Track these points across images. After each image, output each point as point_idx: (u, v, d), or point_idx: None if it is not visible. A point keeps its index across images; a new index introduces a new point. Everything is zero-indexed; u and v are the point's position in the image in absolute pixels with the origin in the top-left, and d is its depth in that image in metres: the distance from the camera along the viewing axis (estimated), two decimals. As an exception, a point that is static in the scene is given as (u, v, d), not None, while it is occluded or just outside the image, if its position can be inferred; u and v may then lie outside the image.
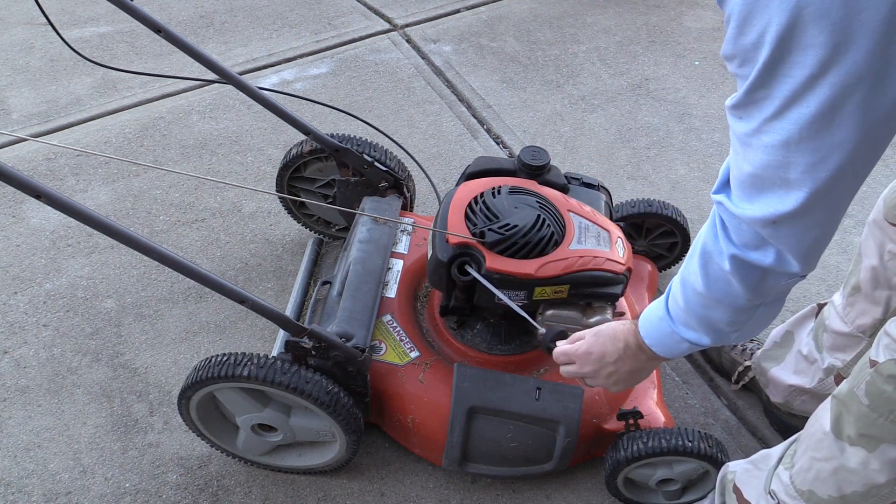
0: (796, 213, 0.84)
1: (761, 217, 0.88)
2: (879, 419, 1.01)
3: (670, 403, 1.81)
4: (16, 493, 1.64)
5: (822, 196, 0.82)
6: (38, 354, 1.89)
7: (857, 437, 1.06)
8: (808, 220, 0.86)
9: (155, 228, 2.22)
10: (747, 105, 0.82)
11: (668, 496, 1.59)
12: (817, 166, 0.79)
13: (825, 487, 1.13)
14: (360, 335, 1.50)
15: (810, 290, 2.10)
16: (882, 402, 1.00)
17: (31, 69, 2.87)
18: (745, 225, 0.91)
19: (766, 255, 0.92)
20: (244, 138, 2.55)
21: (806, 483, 1.17)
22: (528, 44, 3.07)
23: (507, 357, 1.59)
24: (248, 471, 1.68)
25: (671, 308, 1.10)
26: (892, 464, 1.04)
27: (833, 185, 0.81)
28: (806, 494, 1.17)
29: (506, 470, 1.56)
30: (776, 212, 0.85)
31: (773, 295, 1.00)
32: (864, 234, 1.40)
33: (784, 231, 0.88)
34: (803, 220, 0.86)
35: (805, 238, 0.89)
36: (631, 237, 1.94)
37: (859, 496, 1.10)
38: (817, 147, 0.78)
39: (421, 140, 2.57)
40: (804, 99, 0.75)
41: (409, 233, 1.79)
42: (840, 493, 1.12)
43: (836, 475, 1.11)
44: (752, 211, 0.88)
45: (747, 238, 0.92)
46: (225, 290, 1.31)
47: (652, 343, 1.15)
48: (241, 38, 3.08)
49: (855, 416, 1.05)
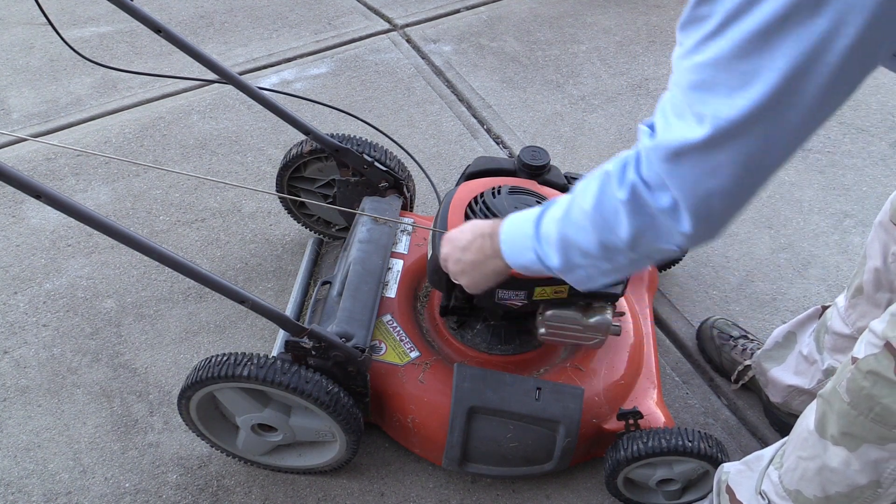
0: (701, 145, 0.77)
1: (668, 145, 0.81)
2: (860, 417, 1.01)
3: (670, 403, 1.81)
4: (16, 493, 1.64)
5: (732, 134, 0.75)
6: (38, 354, 1.89)
7: (839, 437, 1.05)
8: (711, 160, 0.78)
9: (155, 228, 2.22)
10: (690, 23, 0.76)
11: (668, 496, 1.60)
12: (738, 94, 0.73)
13: (811, 487, 1.13)
14: (360, 335, 1.50)
15: (810, 290, 2.10)
16: (861, 398, 1.00)
17: (31, 69, 2.87)
18: (655, 158, 0.84)
19: (662, 199, 0.85)
20: (244, 138, 2.55)
21: (793, 483, 1.16)
22: (528, 44, 3.07)
23: (507, 357, 1.59)
24: (248, 471, 1.68)
25: (546, 216, 1.05)
26: (873, 465, 1.03)
27: (746, 126, 0.74)
28: (793, 494, 1.17)
29: (506, 470, 1.56)
30: (683, 140, 0.79)
31: (644, 252, 0.93)
32: (871, 235, 1.39)
33: (684, 169, 0.81)
34: (706, 160, 0.79)
35: (703, 184, 0.81)
36: (631, 237, 1.93)
37: (843, 497, 1.09)
38: (744, 72, 0.72)
39: (421, 140, 2.57)
40: (744, 16, 0.70)
41: (409, 233, 1.79)
42: (825, 494, 1.11)
43: (821, 475, 1.10)
44: (663, 137, 0.82)
45: (653, 174, 0.85)
46: (225, 290, 1.31)
47: (504, 237, 1.11)
48: (241, 38, 3.08)
49: (837, 415, 1.05)
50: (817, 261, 2.18)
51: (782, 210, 2.35)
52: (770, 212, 2.34)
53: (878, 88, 2.87)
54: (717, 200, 0.82)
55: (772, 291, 2.10)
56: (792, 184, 2.45)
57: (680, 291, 2.09)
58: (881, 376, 0.96)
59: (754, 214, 2.33)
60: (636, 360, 1.64)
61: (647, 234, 0.90)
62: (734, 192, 0.82)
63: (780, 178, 2.47)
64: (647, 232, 0.89)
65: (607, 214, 0.91)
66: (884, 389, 0.97)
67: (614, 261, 0.97)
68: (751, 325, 1.98)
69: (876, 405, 0.98)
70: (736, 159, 0.78)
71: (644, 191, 0.87)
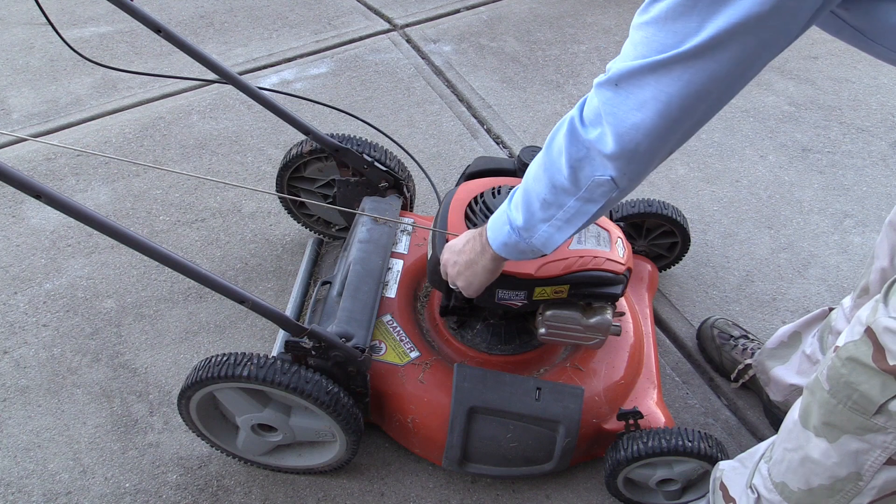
0: (631, 74, 0.86)
1: (608, 77, 0.89)
2: (839, 406, 1.00)
3: (670, 403, 1.81)
4: (16, 493, 1.64)
5: (660, 66, 0.83)
6: (38, 354, 1.89)
7: (821, 427, 1.04)
8: (640, 92, 0.86)
9: (155, 228, 2.22)
10: None
11: (668, 496, 1.60)
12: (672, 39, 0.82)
13: (795, 480, 1.12)
14: (360, 335, 1.50)
15: (810, 290, 2.10)
16: (840, 386, 0.99)
17: (31, 69, 2.87)
18: (596, 91, 0.92)
19: (594, 131, 0.93)
20: (244, 138, 2.55)
21: (780, 475, 1.16)
22: (528, 44, 3.07)
23: (506, 357, 1.59)
24: (248, 471, 1.68)
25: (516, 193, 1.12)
26: (853, 456, 1.02)
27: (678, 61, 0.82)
28: (780, 487, 1.16)
29: (506, 470, 1.56)
30: (619, 70, 0.87)
31: (584, 186, 0.98)
32: (880, 235, 1.39)
33: (617, 99, 0.88)
34: (636, 90, 0.87)
35: (630, 116, 0.88)
36: (631, 237, 1.94)
37: (825, 489, 1.08)
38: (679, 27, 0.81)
39: (421, 140, 2.57)
40: None
41: (409, 233, 1.79)
42: (808, 486, 1.11)
43: (804, 466, 1.10)
44: (611, 70, 0.90)
45: (591, 110, 0.94)
46: (225, 290, 1.31)
47: (489, 225, 1.17)
48: (241, 38, 3.08)
49: (818, 404, 1.04)
50: (817, 261, 2.18)
51: (782, 210, 2.35)
52: (770, 212, 2.34)
53: (878, 88, 2.87)
54: (641, 135, 0.89)
55: (772, 291, 2.10)
56: (792, 184, 2.45)
57: (680, 291, 2.09)
58: (859, 362, 0.95)
59: (754, 214, 2.33)
60: (636, 360, 1.64)
61: (583, 165, 0.97)
62: (656, 130, 0.88)
63: (780, 178, 2.47)
64: (582, 162, 0.96)
65: (554, 155, 1.00)
66: (861, 376, 0.95)
67: (565, 205, 1.02)
68: (751, 325, 1.98)
69: (854, 392, 0.97)
70: (657, 94, 0.85)
71: (580, 124, 0.95)
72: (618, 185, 0.96)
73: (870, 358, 0.94)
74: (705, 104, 0.87)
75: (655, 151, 0.92)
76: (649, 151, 0.92)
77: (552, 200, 1.03)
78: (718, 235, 2.26)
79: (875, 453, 1.00)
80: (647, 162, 0.94)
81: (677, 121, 0.88)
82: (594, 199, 1.00)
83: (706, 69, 0.82)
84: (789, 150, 2.59)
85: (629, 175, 0.95)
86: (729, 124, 2.69)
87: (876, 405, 0.95)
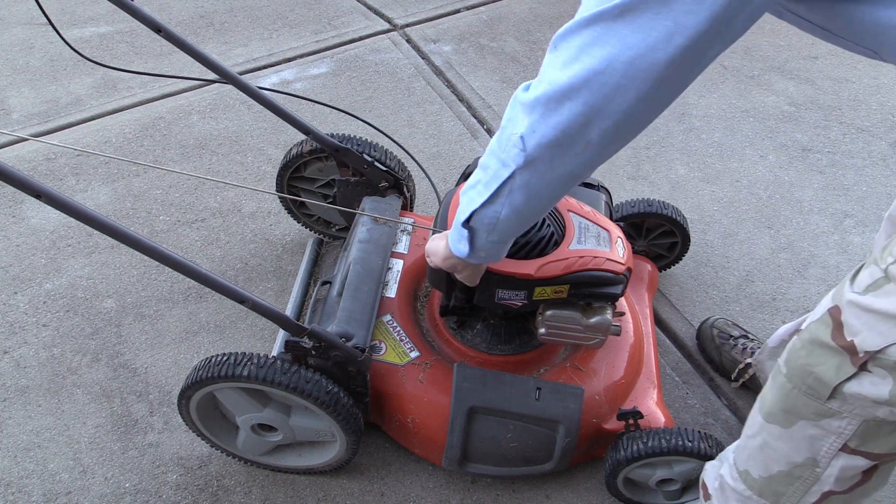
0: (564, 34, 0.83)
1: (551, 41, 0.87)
2: (794, 390, 0.99)
3: (670, 403, 1.81)
4: (16, 493, 1.64)
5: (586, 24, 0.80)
6: (38, 354, 1.89)
7: (778, 413, 1.04)
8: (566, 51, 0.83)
9: (155, 228, 2.22)
10: None
11: (667, 496, 1.60)
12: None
13: (756, 467, 1.12)
14: (360, 335, 1.50)
15: (810, 290, 2.10)
16: (797, 370, 0.99)
17: (31, 69, 2.87)
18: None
19: (531, 91, 0.88)
20: (244, 138, 2.55)
21: (743, 462, 1.16)
22: (528, 44, 3.07)
23: (506, 357, 1.59)
24: (248, 471, 1.68)
25: None
26: (808, 441, 1.02)
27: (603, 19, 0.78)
28: (743, 475, 1.16)
29: (506, 470, 1.56)
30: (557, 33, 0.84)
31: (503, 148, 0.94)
32: (880, 230, 1.39)
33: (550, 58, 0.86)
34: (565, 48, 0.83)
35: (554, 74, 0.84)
36: (631, 237, 1.94)
37: (784, 475, 1.08)
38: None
39: (421, 140, 2.57)
40: None
41: (409, 233, 1.79)
42: (768, 473, 1.10)
43: (763, 452, 1.09)
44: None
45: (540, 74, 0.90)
46: (225, 290, 1.31)
47: None
48: (241, 38, 3.08)
49: (777, 388, 1.04)
50: (817, 261, 2.18)
51: (782, 210, 2.35)
52: (770, 212, 2.34)
53: (878, 88, 2.87)
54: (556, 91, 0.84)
55: (772, 291, 2.10)
56: (792, 184, 2.45)
57: (680, 291, 2.09)
58: (818, 342, 0.95)
59: (754, 214, 2.33)
60: (636, 360, 1.64)
61: (508, 124, 0.93)
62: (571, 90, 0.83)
63: (780, 178, 2.47)
64: (510, 121, 0.93)
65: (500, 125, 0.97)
66: (819, 357, 0.95)
67: (489, 167, 0.98)
68: (751, 325, 1.98)
69: (809, 376, 0.97)
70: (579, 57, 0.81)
71: (523, 88, 0.91)
72: (525, 147, 0.90)
73: (829, 336, 0.94)
74: (634, 77, 0.79)
75: (569, 115, 0.85)
76: (560, 111, 0.85)
77: (483, 162, 1.00)
78: (718, 235, 2.26)
79: (830, 439, 1.00)
80: (560, 127, 0.86)
81: (595, 84, 0.81)
82: (506, 163, 0.94)
83: (629, 34, 0.77)
84: (789, 150, 2.59)
85: (537, 135, 0.88)
86: (729, 124, 2.69)
87: (830, 388, 0.94)
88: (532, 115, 0.88)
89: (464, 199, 1.05)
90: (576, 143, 0.88)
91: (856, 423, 0.97)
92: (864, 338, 0.89)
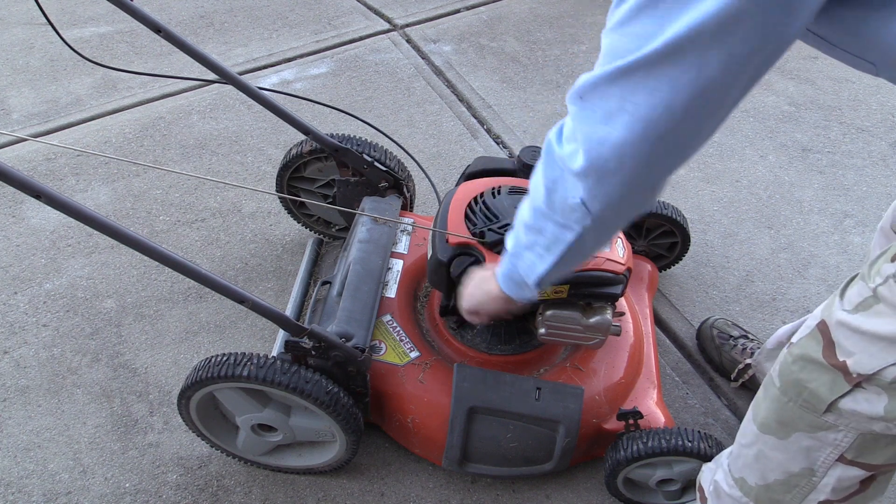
0: (595, 84, 0.79)
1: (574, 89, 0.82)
2: (790, 403, 0.99)
3: (670, 403, 1.81)
4: (16, 493, 1.64)
5: (621, 74, 0.76)
6: (38, 354, 1.89)
7: (773, 424, 1.04)
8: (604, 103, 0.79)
9: (155, 228, 2.22)
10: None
11: (667, 496, 1.60)
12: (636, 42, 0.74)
13: (753, 475, 1.12)
14: (360, 335, 1.50)
15: (810, 290, 2.10)
16: (791, 384, 0.98)
17: (31, 69, 2.87)
18: (568, 108, 0.86)
19: (568, 146, 0.86)
20: (244, 138, 2.55)
21: (738, 470, 1.16)
22: (528, 44, 3.07)
23: (506, 357, 1.59)
24: (248, 471, 1.68)
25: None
26: (804, 452, 1.02)
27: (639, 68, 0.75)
28: (739, 482, 1.16)
29: (506, 470, 1.56)
30: (584, 81, 0.81)
31: (558, 209, 0.92)
32: (873, 241, 1.39)
33: (584, 113, 0.82)
34: (600, 101, 0.79)
35: (597, 130, 0.81)
36: (631, 237, 1.94)
37: (781, 484, 1.08)
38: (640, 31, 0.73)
39: (421, 140, 2.57)
40: None
41: (409, 233, 1.79)
42: (765, 482, 1.10)
43: (759, 461, 1.09)
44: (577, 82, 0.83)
45: (567, 127, 0.87)
46: (225, 290, 1.31)
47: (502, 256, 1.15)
48: (241, 38, 3.08)
49: (771, 400, 1.03)
50: (817, 261, 2.18)
51: (782, 210, 2.35)
52: (770, 212, 2.34)
53: (878, 88, 2.87)
54: (608, 150, 0.81)
55: (772, 291, 2.10)
56: (792, 184, 2.45)
57: (680, 291, 2.09)
58: (809, 359, 0.94)
59: (754, 214, 2.33)
60: (636, 360, 1.64)
61: (557, 185, 0.91)
62: (625, 145, 0.80)
63: (780, 178, 2.47)
64: (557, 182, 0.90)
65: (535, 178, 0.96)
66: (812, 374, 0.94)
67: (543, 230, 0.98)
68: (751, 325, 1.98)
69: (803, 391, 0.96)
70: (624, 107, 0.78)
71: (556, 141, 0.90)
72: (589, 210, 0.88)
73: (820, 353, 0.93)
74: (682, 117, 0.77)
75: (630, 171, 0.82)
76: (620, 170, 0.82)
77: (532, 224, 0.99)
78: (718, 235, 2.26)
79: (826, 450, 1.00)
80: (620, 184, 0.84)
81: (649, 135, 0.78)
82: (569, 226, 0.93)
83: (671, 77, 0.74)
84: (789, 150, 2.59)
85: (600, 199, 0.86)
86: (729, 124, 2.69)
87: (825, 403, 0.94)
88: (587, 181, 0.85)
89: (519, 262, 1.06)
90: (642, 189, 0.87)
91: (852, 435, 0.96)
92: (858, 360, 0.88)
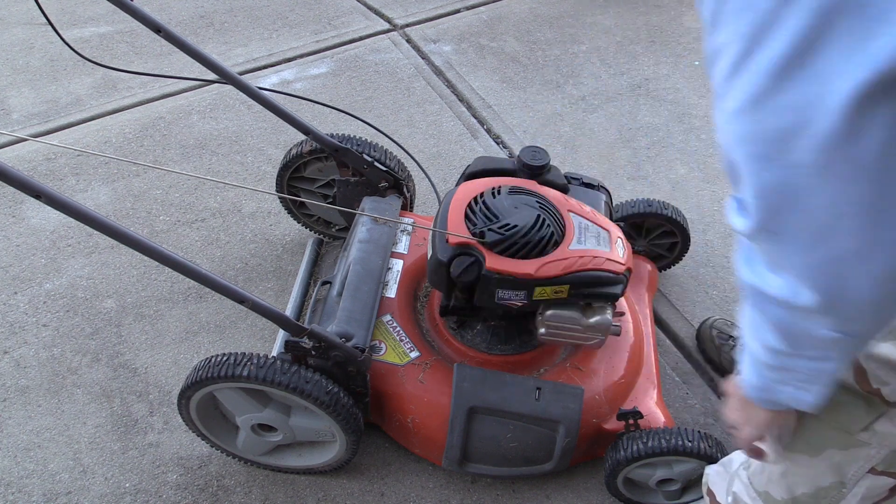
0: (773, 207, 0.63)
1: (746, 224, 0.66)
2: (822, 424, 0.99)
3: (670, 403, 1.81)
4: (16, 493, 1.64)
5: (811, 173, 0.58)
6: (38, 354, 1.89)
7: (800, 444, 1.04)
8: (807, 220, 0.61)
9: (155, 228, 2.22)
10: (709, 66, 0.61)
11: (668, 496, 1.60)
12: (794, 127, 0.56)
13: (778, 489, 1.12)
14: (360, 335, 1.50)
15: (810, 290, 2.10)
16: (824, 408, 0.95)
17: (31, 69, 2.87)
18: (744, 240, 0.69)
19: (774, 280, 0.69)
20: (244, 138, 2.55)
21: (762, 485, 1.16)
22: (528, 44, 3.07)
23: (506, 357, 1.59)
24: (248, 471, 1.68)
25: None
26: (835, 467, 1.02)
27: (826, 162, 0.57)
28: (763, 496, 1.16)
29: (506, 470, 1.56)
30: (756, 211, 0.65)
31: (808, 348, 0.76)
32: None
33: (784, 241, 0.64)
34: (802, 221, 0.62)
35: (810, 254, 0.64)
36: (631, 237, 1.94)
37: (809, 497, 1.08)
38: (794, 99, 0.55)
39: (421, 140, 2.57)
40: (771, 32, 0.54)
41: (409, 233, 1.79)
42: (791, 495, 1.10)
43: (786, 478, 1.10)
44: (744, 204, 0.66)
45: (758, 258, 0.70)
46: (225, 290, 1.31)
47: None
48: (241, 38, 3.08)
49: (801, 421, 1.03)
50: (817, 261, 2.18)
51: (782, 210, 2.35)
52: (770, 212, 2.34)
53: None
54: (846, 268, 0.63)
55: (772, 291, 2.10)
56: (792, 184, 2.45)
57: (680, 291, 2.09)
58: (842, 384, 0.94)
59: (754, 214, 2.33)
60: (636, 360, 1.64)
61: (790, 327, 0.74)
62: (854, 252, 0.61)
63: (780, 178, 2.46)
64: (787, 323, 0.74)
65: (747, 318, 0.81)
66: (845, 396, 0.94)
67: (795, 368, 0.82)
68: (751, 325, 1.98)
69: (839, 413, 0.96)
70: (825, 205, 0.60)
71: (753, 274, 0.73)
72: (845, 332, 0.71)
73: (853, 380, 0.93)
74: None
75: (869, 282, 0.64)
76: (860, 287, 0.64)
77: (776, 365, 0.83)
78: (718, 235, 2.26)
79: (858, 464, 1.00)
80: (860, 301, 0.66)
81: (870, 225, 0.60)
82: (827, 357, 0.77)
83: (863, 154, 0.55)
84: (789, 150, 2.58)
85: (858, 319, 0.69)
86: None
87: (862, 425, 0.95)
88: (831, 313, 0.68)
89: (776, 396, 0.88)
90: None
91: (885, 451, 0.97)
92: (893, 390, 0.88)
